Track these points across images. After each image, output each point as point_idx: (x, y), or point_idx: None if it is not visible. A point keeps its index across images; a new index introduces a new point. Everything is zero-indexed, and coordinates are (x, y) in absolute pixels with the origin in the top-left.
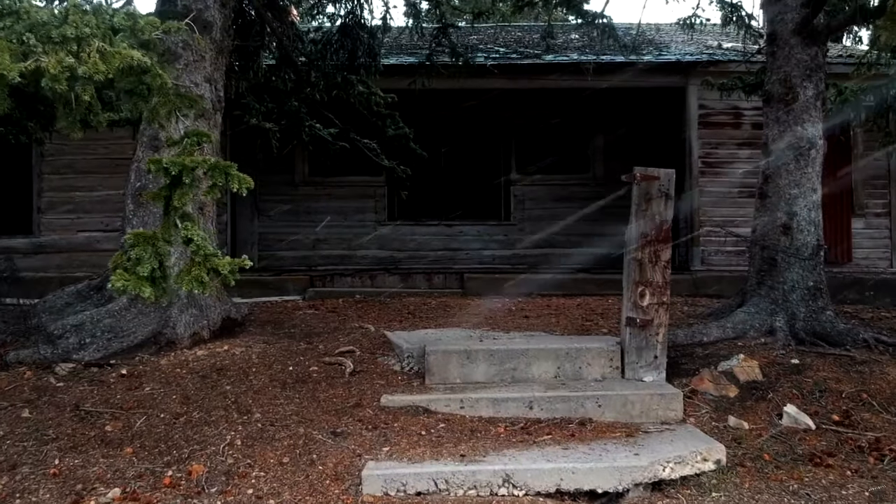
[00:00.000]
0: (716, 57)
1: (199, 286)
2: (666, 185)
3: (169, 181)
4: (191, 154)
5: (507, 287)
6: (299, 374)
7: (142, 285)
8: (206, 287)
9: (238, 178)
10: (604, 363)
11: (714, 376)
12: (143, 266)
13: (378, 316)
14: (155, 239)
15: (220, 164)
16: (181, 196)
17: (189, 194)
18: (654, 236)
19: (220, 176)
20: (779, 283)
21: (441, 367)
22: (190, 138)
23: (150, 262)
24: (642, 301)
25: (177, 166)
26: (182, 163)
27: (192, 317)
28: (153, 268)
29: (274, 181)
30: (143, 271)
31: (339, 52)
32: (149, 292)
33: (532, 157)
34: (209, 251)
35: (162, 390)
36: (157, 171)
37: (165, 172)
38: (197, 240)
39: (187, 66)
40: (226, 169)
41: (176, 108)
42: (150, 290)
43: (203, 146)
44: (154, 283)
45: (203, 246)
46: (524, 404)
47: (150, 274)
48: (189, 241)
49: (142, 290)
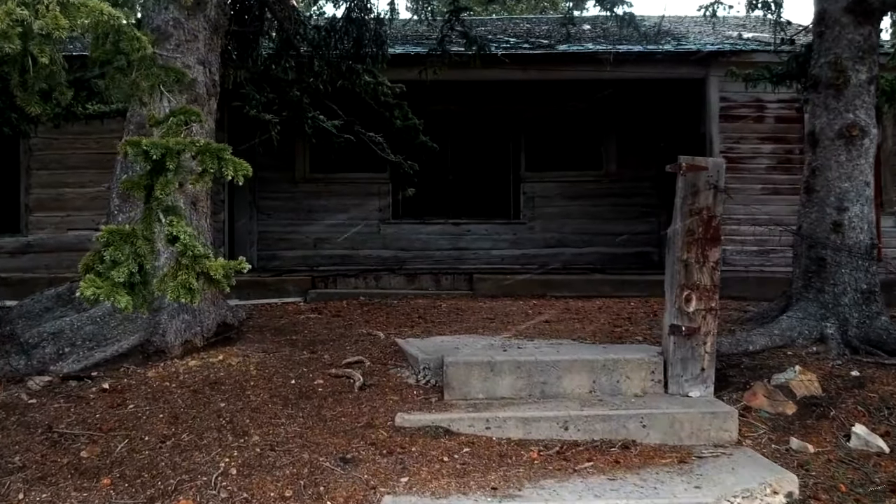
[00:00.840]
0: (738, 46)
1: (187, 294)
2: (715, 176)
3: (150, 167)
4: (177, 135)
5: (518, 288)
6: (303, 388)
7: (117, 293)
8: (196, 295)
9: (233, 163)
10: (644, 376)
11: (769, 391)
12: (119, 270)
13: (386, 320)
14: (133, 237)
15: (212, 146)
16: (165, 185)
17: (174, 182)
18: (701, 234)
19: (211, 161)
20: (829, 286)
21: (462, 380)
22: (176, 116)
23: (128, 264)
24: (688, 306)
25: (159, 149)
26: (165, 145)
27: (183, 323)
28: (131, 272)
29: (274, 178)
30: (118, 276)
31: (344, 40)
32: (125, 301)
33: (543, 153)
34: (199, 251)
35: (147, 408)
36: (136, 155)
37: (146, 156)
38: (184, 238)
39: (178, 47)
40: (218, 152)
41: (160, 82)
42: (126, 298)
43: (192, 126)
44: (132, 290)
45: (191, 245)
46: (558, 424)
47: (128, 279)
48: (174, 240)
49: (117, 298)
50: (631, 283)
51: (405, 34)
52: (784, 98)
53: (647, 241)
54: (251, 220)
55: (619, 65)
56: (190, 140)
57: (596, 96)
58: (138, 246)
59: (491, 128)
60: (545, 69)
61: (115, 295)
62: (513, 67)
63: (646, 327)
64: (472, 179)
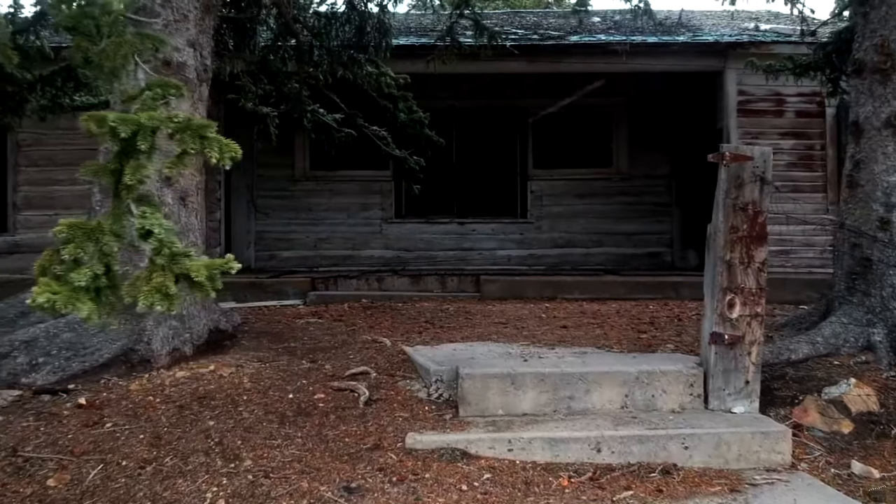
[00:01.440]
0: (758, 37)
1: (163, 300)
2: (761, 166)
3: (119, 148)
4: (153, 111)
5: (527, 290)
6: (302, 403)
7: (77, 299)
8: (174, 302)
9: (218, 143)
10: (682, 390)
11: (820, 406)
12: (81, 272)
13: (391, 325)
14: (99, 232)
15: (194, 122)
16: (136, 169)
17: (147, 166)
18: (746, 231)
19: (192, 140)
20: (875, 289)
21: (479, 394)
22: (152, 90)
23: (92, 265)
24: (731, 312)
25: (129, 125)
26: (136, 120)
27: (170, 329)
28: (95, 274)
29: (272, 176)
30: (79, 279)
31: (346, 28)
32: (87, 310)
33: (551, 150)
34: (177, 249)
35: (127, 427)
36: (102, 132)
37: (113, 135)
38: (158, 232)
39: (167, 27)
40: (200, 130)
41: (135, 50)
42: (89, 306)
43: (169, 101)
44: (97, 297)
45: (167, 241)
46: (590, 446)
47: (91, 283)
48: (147, 235)
49: (77, 306)
50: (645, 284)
51: (409, 26)
52: (804, 92)
53: (660, 242)
54: (249, 219)
55: (632, 57)
56: (167, 115)
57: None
58: (104, 243)
59: (497, 124)
60: (556, 61)
61: (74, 302)
62: (522, 59)
63: (673, 333)
64: (478, 177)
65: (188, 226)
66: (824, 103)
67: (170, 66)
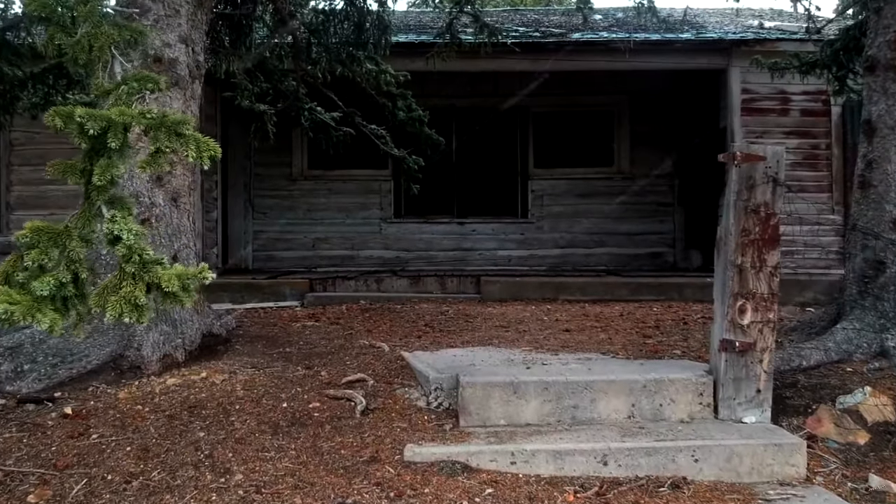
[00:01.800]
0: (762, 35)
1: (132, 311)
2: (774, 167)
3: (88, 146)
4: (128, 106)
5: (528, 291)
6: (296, 413)
7: (39, 310)
8: (144, 313)
9: (195, 141)
10: (691, 399)
11: (835, 416)
12: (44, 280)
13: (389, 329)
14: (66, 236)
15: (169, 118)
16: (106, 169)
17: (118, 166)
18: (758, 234)
19: (168, 137)
20: (888, 293)
21: (480, 403)
22: (128, 84)
23: (58, 272)
24: (742, 318)
25: (98, 122)
26: (106, 116)
27: (161, 335)
28: (60, 282)
29: (270, 175)
30: (42, 288)
31: (345, 24)
32: (49, 321)
33: (552, 149)
34: (147, 256)
35: (114, 438)
36: (69, 128)
37: (81, 132)
38: (127, 238)
39: (158, 22)
40: (176, 127)
41: (112, 42)
42: (52, 317)
43: (145, 96)
44: (64, 307)
45: (137, 248)
46: (596, 458)
47: (55, 292)
48: (116, 240)
49: (37, 317)
50: (648, 286)
51: (408, 23)
52: (810, 90)
53: (662, 242)
54: (246, 218)
55: (635, 55)
56: (139, 111)
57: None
58: (72, 248)
59: (497, 122)
60: (557, 59)
61: (35, 313)
62: (523, 57)
63: (679, 337)
64: (478, 176)
65: (180, 227)
66: (830, 101)
67: (161, 62)
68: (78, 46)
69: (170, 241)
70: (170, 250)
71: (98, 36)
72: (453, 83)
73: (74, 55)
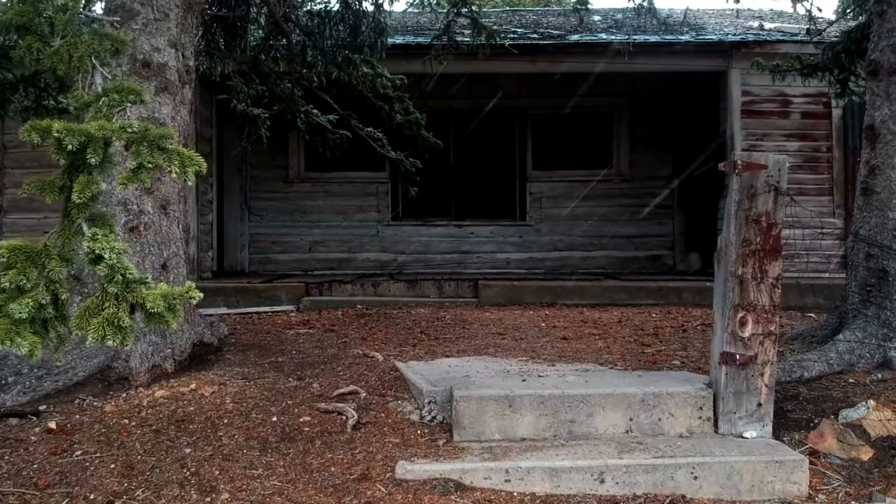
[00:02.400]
0: (763, 36)
1: (116, 333)
2: (776, 176)
3: (67, 162)
4: (109, 119)
5: (526, 295)
6: (286, 427)
7: (17, 333)
8: (128, 335)
9: (179, 155)
10: (690, 413)
11: (837, 431)
12: (22, 302)
13: (384, 337)
14: (44, 255)
15: (151, 132)
16: (86, 185)
17: (99, 182)
18: (759, 245)
19: (151, 152)
20: (891, 302)
21: (474, 417)
22: (109, 95)
23: (37, 293)
24: (743, 331)
25: (77, 137)
26: (85, 131)
27: (150, 345)
28: (40, 304)
29: (267, 177)
30: (20, 310)
31: (340, 27)
32: (28, 345)
33: (550, 151)
34: (132, 276)
35: (98, 454)
36: (46, 143)
37: (59, 147)
38: (110, 257)
39: (146, 27)
40: (159, 141)
41: (92, 52)
42: (32, 340)
43: (127, 108)
44: (44, 329)
45: (120, 267)
46: (593, 476)
47: (35, 314)
48: (97, 259)
49: (18, 341)
50: (647, 289)
51: (406, 25)
52: (810, 92)
53: (662, 245)
54: (242, 221)
55: (634, 56)
56: (120, 125)
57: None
58: (51, 269)
59: (495, 124)
60: (556, 61)
61: (13, 337)
62: (521, 59)
63: (678, 346)
64: (476, 179)
65: (170, 235)
66: (831, 104)
67: (150, 67)
68: (56, 56)
69: (159, 250)
70: (159, 259)
71: (77, 45)
72: (451, 85)
73: (53, 65)
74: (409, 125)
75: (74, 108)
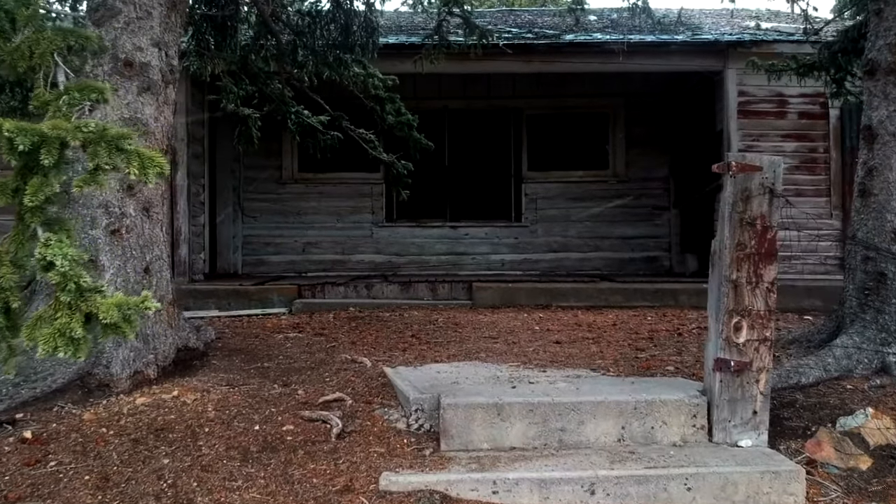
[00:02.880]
0: (759, 36)
1: (67, 345)
2: (771, 177)
3: (21, 163)
4: (67, 118)
5: (521, 297)
6: (268, 436)
7: None
8: (81, 347)
9: (139, 157)
10: (684, 420)
11: (835, 439)
12: None
13: (375, 340)
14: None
15: (109, 132)
16: (40, 188)
17: (54, 184)
18: (754, 248)
19: (109, 153)
20: (890, 306)
21: (462, 426)
22: (70, 94)
23: None
24: (738, 337)
25: (29, 137)
26: (39, 131)
27: (132, 351)
28: None
29: (260, 178)
30: None
31: (331, 27)
32: None
33: (546, 152)
34: (86, 284)
35: (73, 465)
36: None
37: (10, 148)
38: (62, 265)
39: (128, 25)
40: (117, 141)
41: (55, 49)
42: None
43: (93, 106)
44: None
45: (72, 275)
46: (583, 487)
47: None
48: (49, 266)
49: None
50: (643, 291)
51: (400, 25)
52: (807, 92)
53: (658, 246)
54: (235, 222)
55: (629, 56)
56: (75, 124)
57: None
58: (2, 275)
59: (490, 125)
60: (550, 61)
61: None
62: (515, 59)
63: (673, 351)
64: (471, 180)
65: (153, 238)
66: (828, 104)
67: (132, 67)
68: (17, 53)
69: (141, 253)
70: (142, 262)
71: (40, 42)
72: (445, 85)
73: (13, 62)
74: (401, 126)
75: (34, 108)
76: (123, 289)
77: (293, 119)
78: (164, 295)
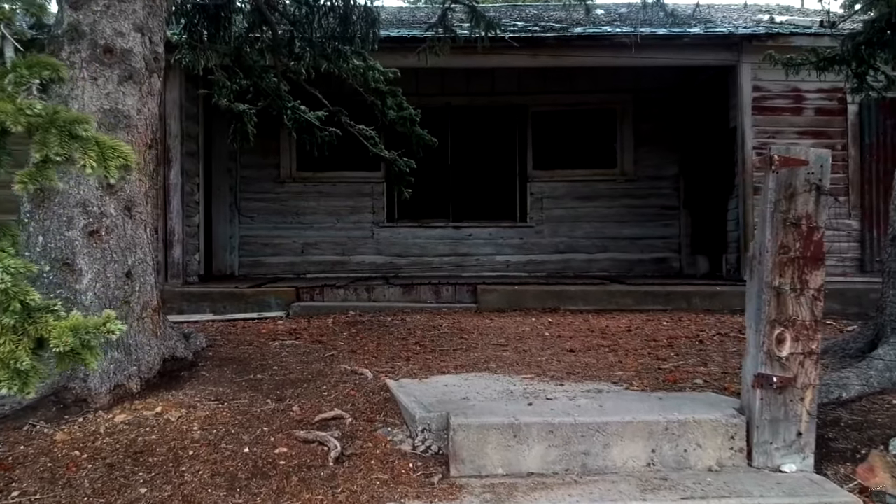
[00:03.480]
0: (775, 29)
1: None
2: (818, 173)
3: None
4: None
5: (527, 301)
6: (259, 461)
7: None
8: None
9: (97, 146)
10: (720, 443)
11: (889, 463)
12: None
13: (376, 348)
14: None
15: (61, 116)
16: None
17: None
18: (799, 251)
19: (60, 142)
20: None
21: (474, 450)
22: (18, 71)
23: None
24: (781, 350)
25: None
26: None
27: (112, 363)
28: None
29: (257, 177)
30: None
31: (329, 17)
32: None
33: (552, 150)
34: (33, 303)
35: (38, 497)
36: None
37: None
38: (3, 280)
39: (108, 9)
40: (70, 127)
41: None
42: None
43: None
44: None
45: (17, 292)
46: None
47: None
48: None
49: None
50: (654, 294)
51: (400, 19)
52: (825, 87)
53: (667, 247)
54: (232, 223)
55: (640, 50)
56: (17, 106)
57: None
58: None
59: (494, 122)
60: (559, 55)
61: None
62: (522, 53)
63: (697, 360)
64: (475, 178)
65: (135, 239)
66: (846, 100)
67: (112, 53)
68: None
69: (123, 256)
70: (123, 266)
71: None
72: (449, 80)
73: None
74: (403, 121)
75: None
76: (103, 295)
77: (289, 115)
78: (149, 301)
